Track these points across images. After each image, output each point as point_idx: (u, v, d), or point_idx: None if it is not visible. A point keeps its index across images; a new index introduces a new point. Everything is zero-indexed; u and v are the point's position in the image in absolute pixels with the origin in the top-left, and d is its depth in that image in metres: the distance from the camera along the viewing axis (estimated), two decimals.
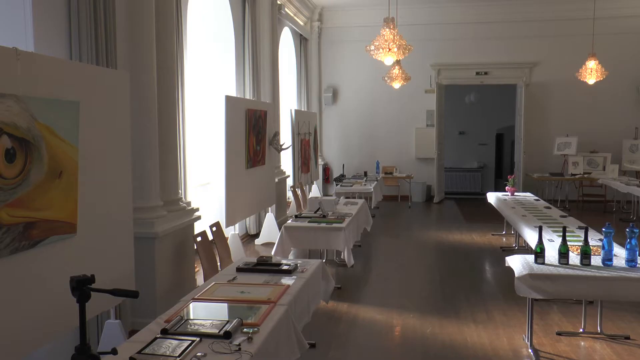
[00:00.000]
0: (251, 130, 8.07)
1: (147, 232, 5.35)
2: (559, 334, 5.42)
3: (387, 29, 7.20)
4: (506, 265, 5.19)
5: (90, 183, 3.83)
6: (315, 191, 13.18)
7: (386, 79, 11.67)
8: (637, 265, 4.73)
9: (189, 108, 7.40)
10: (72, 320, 3.33)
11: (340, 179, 12.82)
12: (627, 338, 5.31)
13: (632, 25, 13.93)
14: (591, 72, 10.82)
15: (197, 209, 6.45)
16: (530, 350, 5.00)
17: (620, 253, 4.99)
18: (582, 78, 11.06)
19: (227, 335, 3.06)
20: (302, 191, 10.80)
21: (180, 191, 6.33)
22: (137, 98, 5.25)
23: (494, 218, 10.61)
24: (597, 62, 10.76)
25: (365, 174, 13.20)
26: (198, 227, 6.32)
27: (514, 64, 14.54)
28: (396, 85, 11.67)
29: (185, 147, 7.16)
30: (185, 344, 2.98)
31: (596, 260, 4.87)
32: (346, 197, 9.69)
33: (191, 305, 3.66)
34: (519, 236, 8.61)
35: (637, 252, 4.77)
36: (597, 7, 11.56)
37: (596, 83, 11.31)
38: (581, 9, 13.01)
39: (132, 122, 4.58)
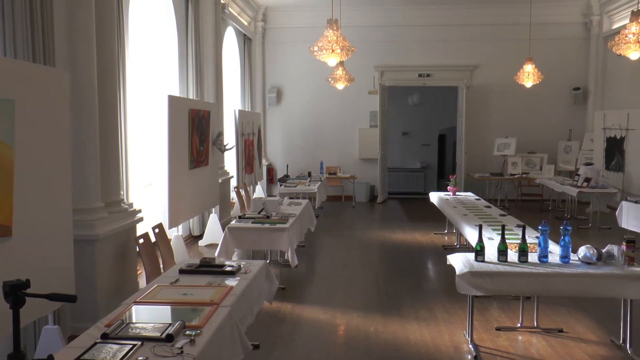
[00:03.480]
0: (194, 130, 7.98)
1: (87, 234, 5.23)
2: (498, 329, 5.57)
3: (331, 30, 7.25)
4: (448, 263, 5.29)
5: (27, 184, 3.71)
6: (259, 192, 13.15)
7: (330, 79, 11.74)
8: (570, 261, 4.92)
9: (131, 108, 7.26)
10: (6, 327, 3.23)
11: (284, 179, 12.83)
12: (561, 331, 5.52)
13: (564, 31, 14.48)
14: (528, 76, 11.15)
15: (140, 211, 6.35)
16: (470, 346, 5.12)
17: (555, 250, 5.17)
18: (520, 81, 11.39)
19: (169, 338, 3.03)
20: (246, 192, 10.75)
21: (122, 192, 6.22)
22: (76, 97, 5.14)
23: (436, 217, 10.79)
24: (533, 66, 11.10)
25: (309, 174, 13.25)
26: (141, 229, 6.22)
27: (455, 67, 14.85)
28: (340, 86, 11.75)
29: (128, 148, 7.02)
30: (127, 348, 2.93)
31: (533, 257, 5.03)
32: (290, 198, 9.70)
33: (133, 308, 3.60)
34: (460, 235, 8.80)
35: (570, 249, 4.96)
36: (532, 13, 11.94)
37: (533, 86, 11.66)
38: (518, 14, 13.41)
39: (71, 121, 4.47)
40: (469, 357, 4.98)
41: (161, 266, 5.85)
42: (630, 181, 11.07)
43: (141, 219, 6.27)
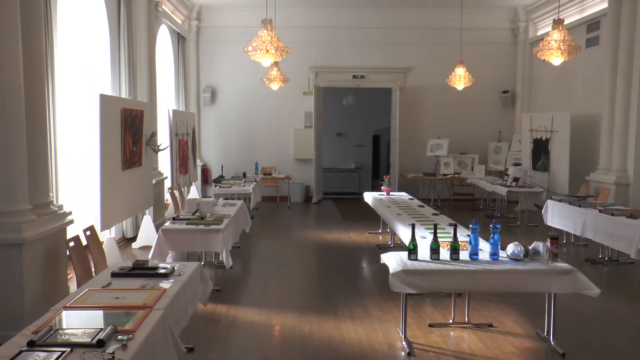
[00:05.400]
0: (127, 130, 7.82)
1: (13, 237, 5.06)
2: (431, 325, 5.70)
3: (265, 31, 7.23)
4: (382, 262, 5.37)
5: None
6: (194, 192, 12.99)
7: (265, 80, 11.74)
8: (499, 258, 5.09)
9: (61, 107, 7.05)
10: None
11: (219, 180, 12.70)
12: (490, 326, 5.70)
13: (494, 36, 14.96)
14: (460, 79, 11.40)
15: (70, 213, 6.17)
16: (404, 343, 5.21)
17: (485, 247, 5.33)
18: (452, 84, 11.64)
19: (100, 344, 2.96)
20: (181, 193, 10.60)
21: (51, 194, 6.03)
22: (1, 94, 4.96)
23: (370, 217, 10.91)
24: (464, 69, 11.36)
25: (244, 174, 13.17)
26: (72, 232, 6.05)
27: (389, 69, 15.07)
28: (275, 86, 11.75)
29: (57, 148, 6.82)
30: (55, 355, 2.84)
31: (464, 255, 5.17)
32: (225, 199, 9.64)
33: (63, 313, 3.50)
34: (394, 234, 8.93)
35: (499, 246, 5.14)
36: (463, 18, 12.24)
37: (464, 89, 11.94)
38: (450, 19, 13.71)
39: None
40: (403, 353, 5.07)
41: (93, 270, 5.70)
42: (555, 181, 11.54)
43: (72, 222, 6.11)
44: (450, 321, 5.78)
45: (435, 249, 5.09)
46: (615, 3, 10.24)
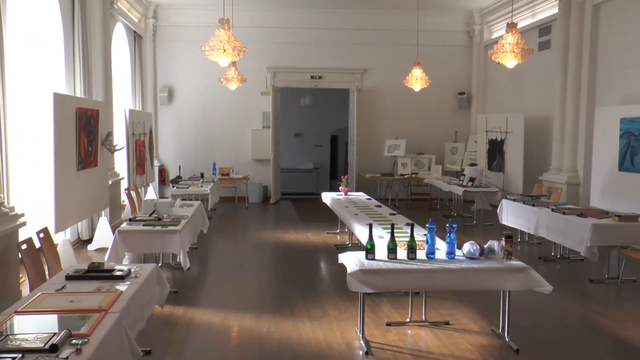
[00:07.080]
0: (82, 130, 7.69)
1: None
2: (388, 324, 5.75)
3: (222, 30, 7.20)
4: (339, 262, 5.40)
5: None
6: (151, 193, 12.84)
7: (222, 80, 11.67)
8: (456, 257, 5.17)
9: (13, 106, 6.88)
10: None
11: (176, 180, 12.59)
12: (447, 324, 5.78)
13: (450, 38, 15.21)
14: (417, 80, 11.49)
15: (22, 215, 6.04)
16: (362, 342, 5.25)
17: (442, 246, 5.39)
18: (409, 85, 11.73)
19: (54, 349, 2.90)
20: (138, 193, 10.46)
21: (1, 195, 5.88)
22: None
23: (328, 217, 10.94)
24: (421, 70, 11.45)
25: (202, 175, 13.07)
26: (25, 234, 5.91)
27: (346, 70, 15.15)
28: (232, 86, 11.70)
29: (8, 147, 6.65)
30: None
31: (421, 254, 5.23)
32: (182, 199, 9.55)
33: (14, 318, 3.42)
34: (352, 234, 8.98)
35: (456, 245, 5.21)
36: (420, 20, 12.38)
37: (421, 90, 12.01)
38: (407, 21, 13.81)
39: None
40: (361, 352, 5.11)
41: (47, 273, 5.59)
42: (510, 181, 11.78)
43: (24, 224, 5.97)
44: (408, 320, 5.85)
45: (392, 249, 5.13)
46: (565, 8, 10.55)
